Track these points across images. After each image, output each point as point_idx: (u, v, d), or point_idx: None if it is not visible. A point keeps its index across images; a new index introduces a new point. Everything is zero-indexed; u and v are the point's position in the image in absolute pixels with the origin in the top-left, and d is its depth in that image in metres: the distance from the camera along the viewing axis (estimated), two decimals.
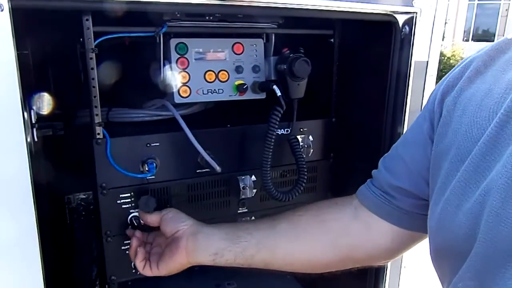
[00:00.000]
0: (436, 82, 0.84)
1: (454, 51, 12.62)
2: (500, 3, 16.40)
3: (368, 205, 0.75)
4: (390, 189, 0.73)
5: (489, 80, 0.58)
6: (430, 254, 0.63)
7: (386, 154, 0.76)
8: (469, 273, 0.53)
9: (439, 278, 0.63)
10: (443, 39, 12.27)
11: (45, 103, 0.84)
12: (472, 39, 16.49)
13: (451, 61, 11.69)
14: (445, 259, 0.59)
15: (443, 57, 11.53)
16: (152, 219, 0.81)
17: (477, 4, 17.09)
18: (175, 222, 0.79)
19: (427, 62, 0.90)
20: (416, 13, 0.85)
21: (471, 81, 0.60)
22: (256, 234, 0.77)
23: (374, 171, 0.78)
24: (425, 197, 0.67)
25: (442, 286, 0.62)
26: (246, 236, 0.76)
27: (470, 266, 0.53)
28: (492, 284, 0.49)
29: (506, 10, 16.14)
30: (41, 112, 0.82)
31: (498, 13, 16.54)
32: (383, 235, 0.74)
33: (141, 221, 0.83)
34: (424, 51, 0.89)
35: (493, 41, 0.50)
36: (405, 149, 0.73)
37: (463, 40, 15.82)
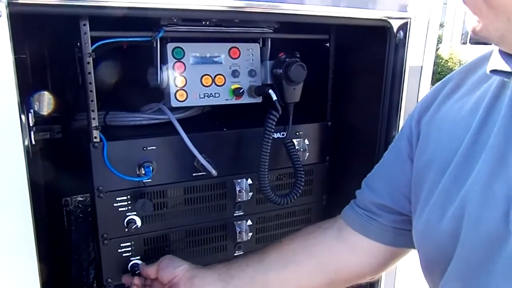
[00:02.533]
0: (431, 86, 0.85)
1: (451, 54, 12.65)
2: None
3: (352, 224, 0.77)
4: (373, 207, 0.75)
5: (461, 99, 0.63)
6: (421, 265, 0.64)
7: (368, 174, 0.79)
8: (454, 275, 0.55)
9: (430, 286, 0.64)
10: (440, 42, 12.29)
11: (43, 104, 0.85)
12: (469, 42, 16.53)
13: (449, 64, 11.72)
14: (434, 266, 0.61)
15: (440, 60, 11.56)
16: (151, 271, 0.81)
17: None
18: (171, 268, 0.80)
19: (422, 66, 0.91)
20: (410, 18, 0.86)
21: (445, 101, 0.65)
22: (247, 270, 0.78)
23: (357, 191, 0.80)
24: (406, 213, 0.70)
25: None
26: (239, 274, 0.78)
27: (454, 268, 0.55)
28: (475, 285, 0.51)
29: None
30: (41, 113, 0.82)
31: None
32: (367, 253, 0.76)
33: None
34: (418, 56, 0.90)
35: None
36: (385, 168, 0.76)
37: (460, 43, 15.85)
